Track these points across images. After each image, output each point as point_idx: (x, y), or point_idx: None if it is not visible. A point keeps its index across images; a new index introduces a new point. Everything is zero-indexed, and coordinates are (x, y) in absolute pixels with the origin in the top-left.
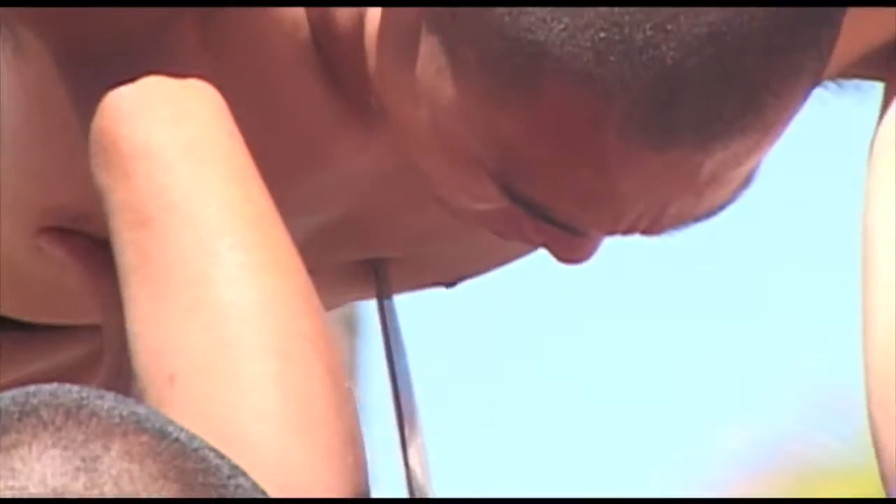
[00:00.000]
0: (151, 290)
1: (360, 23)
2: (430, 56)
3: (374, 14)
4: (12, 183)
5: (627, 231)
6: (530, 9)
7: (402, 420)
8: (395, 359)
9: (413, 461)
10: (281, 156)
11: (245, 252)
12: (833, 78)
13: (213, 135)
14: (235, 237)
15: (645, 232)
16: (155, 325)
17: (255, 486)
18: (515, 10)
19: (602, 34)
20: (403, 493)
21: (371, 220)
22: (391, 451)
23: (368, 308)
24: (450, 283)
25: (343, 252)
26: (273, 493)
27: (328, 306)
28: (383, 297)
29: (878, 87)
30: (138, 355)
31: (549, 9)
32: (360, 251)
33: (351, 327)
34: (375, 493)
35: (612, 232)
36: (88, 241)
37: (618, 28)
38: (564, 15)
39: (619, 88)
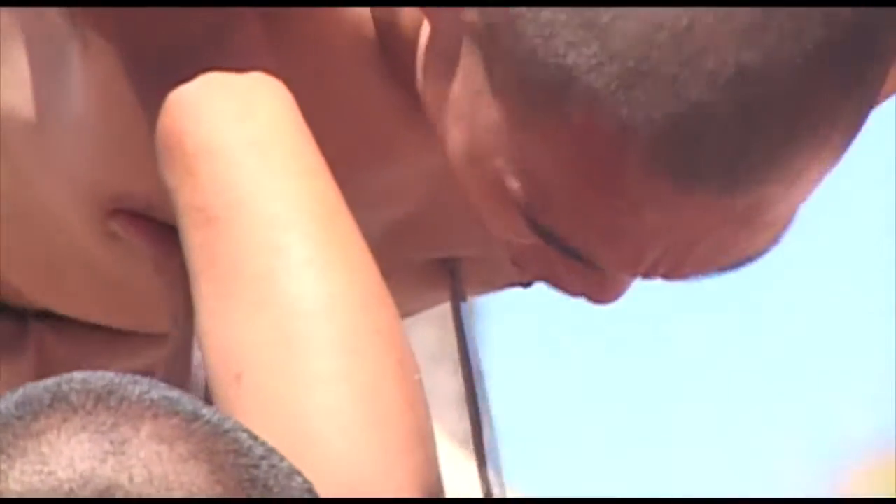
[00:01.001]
0: (218, 287)
1: (419, 27)
2: (469, 75)
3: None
4: (84, 169)
5: (649, 273)
6: (563, 31)
7: (478, 427)
8: (472, 363)
9: (489, 472)
10: (347, 151)
11: (312, 247)
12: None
13: (280, 130)
14: (302, 232)
15: (667, 276)
16: (222, 323)
17: (290, 468)
18: (549, 31)
19: (630, 63)
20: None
21: (442, 218)
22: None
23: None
24: (526, 283)
25: (415, 250)
26: (341, 492)
27: (405, 310)
28: (459, 299)
29: None
30: (206, 353)
31: (582, 33)
32: (432, 249)
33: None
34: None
35: (634, 272)
36: (158, 225)
37: (646, 60)
38: (595, 41)
39: (643, 122)
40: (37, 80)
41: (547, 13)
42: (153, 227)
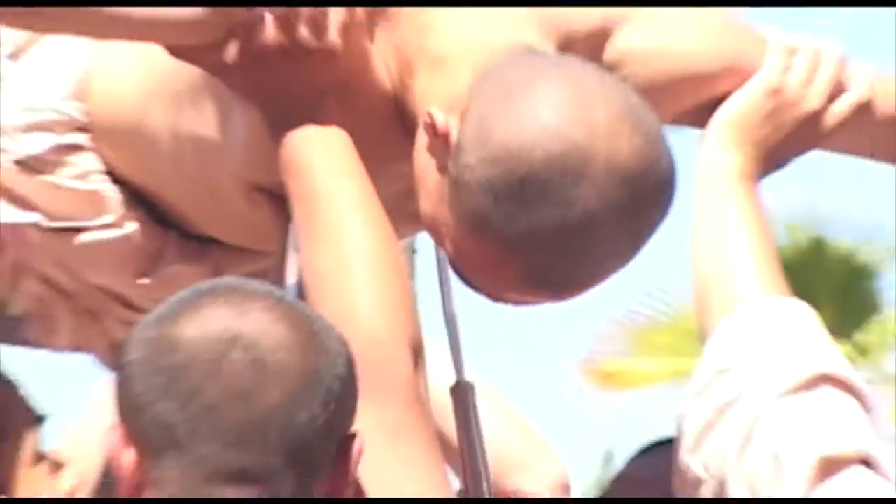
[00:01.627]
0: (308, 235)
1: (416, 111)
2: (439, 187)
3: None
4: (242, 167)
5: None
6: (506, 227)
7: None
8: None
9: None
10: (375, 165)
11: (359, 216)
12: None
13: (343, 157)
14: (356, 209)
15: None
16: (308, 253)
17: (333, 328)
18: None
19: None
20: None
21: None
22: None
23: None
24: None
25: (405, 208)
26: (363, 344)
27: (401, 236)
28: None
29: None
30: (302, 267)
31: (514, 225)
32: (414, 207)
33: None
34: None
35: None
36: (277, 197)
37: (546, 263)
38: (517, 227)
39: (546, 284)
40: (217, 118)
41: (498, 221)
42: (275, 198)
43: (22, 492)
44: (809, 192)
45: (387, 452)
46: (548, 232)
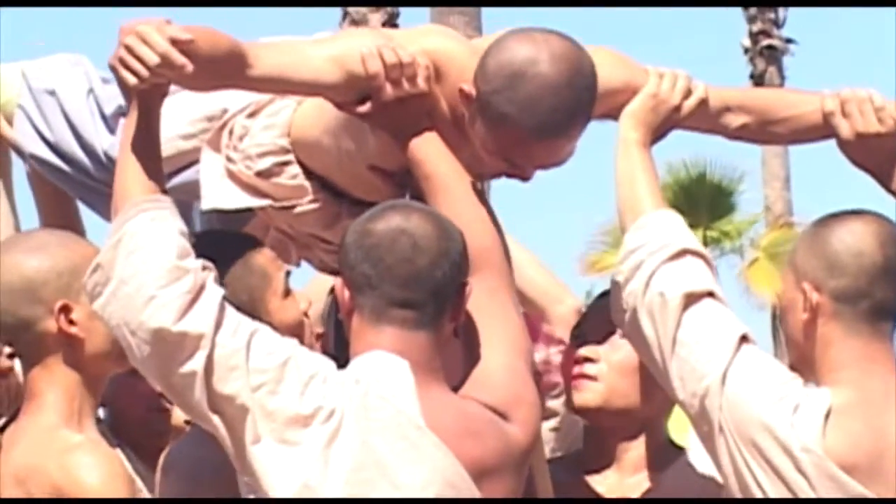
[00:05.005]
0: (432, 192)
1: (464, 114)
2: (474, 122)
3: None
4: (369, 155)
5: (540, 168)
6: (505, 108)
7: None
8: None
9: None
10: (453, 149)
11: (456, 179)
12: (597, 118)
13: (441, 151)
14: (453, 176)
15: (546, 168)
16: (432, 199)
17: (459, 231)
18: (501, 105)
19: (530, 111)
20: None
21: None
22: None
23: None
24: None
25: (468, 166)
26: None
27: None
28: None
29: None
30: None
31: (507, 103)
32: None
33: None
34: None
35: (535, 169)
36: (390, 174)
37: (527, 110)
38: (512, 106)
39: (531, 128)
40: (358, 138)
41: (502, 106)
42: (388, 175)
43: (277, 315)
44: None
45: (487, 300)
46: (529, 98)
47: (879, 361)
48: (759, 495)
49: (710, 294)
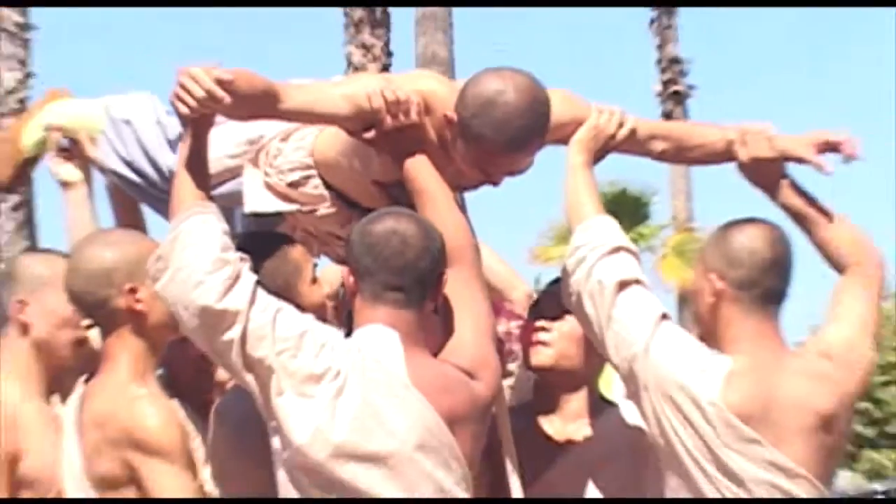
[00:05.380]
0: (421, 202)
1: (447, 139)
2: (456, 142)
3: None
4: (375, 175)
5: (508, 176)
6: (480, 129)
7: None
8: None
9: None
10: (438, 168)
11: (441, 191)
12: (550, 144)
13: (429, 169)
14: (438, 189)
15: (512, 175)
16: (421, 208)
17: (439, 233)
18: (477, 126)
19: (504, 127)
20: None
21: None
22: None
23: None
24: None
25: (451, 181)
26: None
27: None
28: None
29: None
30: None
31: (482, 125)
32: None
33: None
34: None
35: (503, 176)
36: (384, 186)
37: (497, 129)
38: (486, 127)
39: (500, 144)
40: (366, 158)
41: (478, 127)
42: (387, 187)
43: (307, 297)
44: (613, 166)
45: (460, 286)
46: (499, 121)
47: (769, 336)
48: (674, 440)
49: (638, 281)
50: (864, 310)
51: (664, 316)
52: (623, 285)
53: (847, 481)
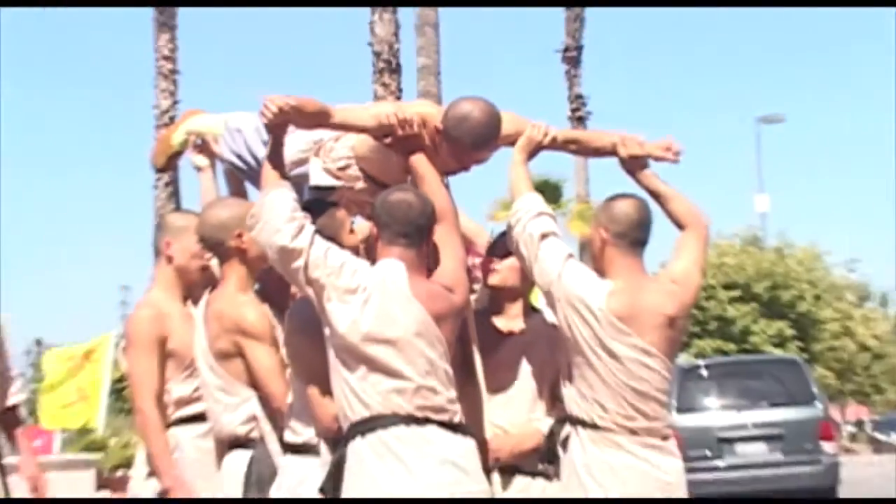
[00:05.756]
0: (423, 184)
1: (436, 142)
2: (441, 143)
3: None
4: (389, 164)
5: (475, 165)
6: (457, 135)
7: None
8: None
9: None
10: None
11: (433, 177)
12: (502, 145)
13: (427, 164)
14: (432, 175)
15: (479, 164)
16: (421, 186)
17: (431, 200)
18: (455, 134)
19: (472, 132)
20: None
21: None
22: None
23: None
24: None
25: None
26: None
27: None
28: None
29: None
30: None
31: (458, 133)
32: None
33: None
34: None
35: (473, 165)
36: (401, 174)
37: (468, 135)
38: (461, 133)
39: (471, 143)
40: (387, 155)
41: (454, 135)
42: (398, 172)
43: (347, 242)
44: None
45: (444, 235)
46: (468, 129)
47: (636, 268)
48: (576, 333)
49: (554, 234)
50: (695, 253)
51: (570, 255)
52: (544, 236)
53: (682, 359)
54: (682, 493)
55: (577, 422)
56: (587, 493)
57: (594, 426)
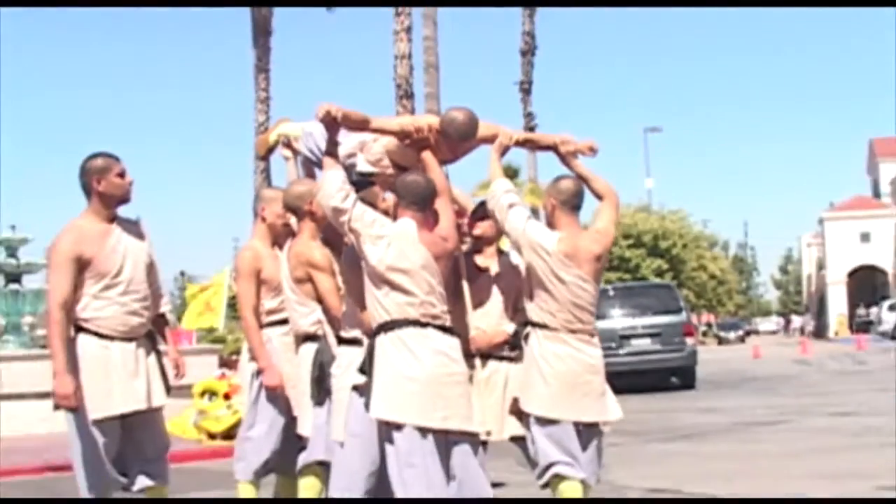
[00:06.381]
0: (428, 170)
1: (437, 140)
2: (441, 142)
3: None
4: (407, 156)
5: (463, 155)
6: (448, 131)
7: None
8: None
9: None
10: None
11: (437, 167)
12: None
13: (433, 159)
14: (436, 167)
15: (466, 154)
16: (427, 172)
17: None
18: (447, 130)
19: (458, 129)
20: None
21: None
22: None
23: None
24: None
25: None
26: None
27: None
28: None
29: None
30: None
31: (449, 130)
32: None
33: None
34: None
35: (462, 156)
36: (415, 164)
37: (455, 131)
38: (451, 130)
39: (458, 137)
40: (406, 151)
41: (446, 131)
42: (413, 162)
43: (379, 207)
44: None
45: (443, 204)
46: (457, 129)
47: (575, 224)
48: (536, 268)
49: (519, 203)
50: (610, 215)
51: (529, 217)
52: (511, 205)
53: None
54: (602, 370)
55: (535, 325)
56: (541, 371)
57: (547, 327)
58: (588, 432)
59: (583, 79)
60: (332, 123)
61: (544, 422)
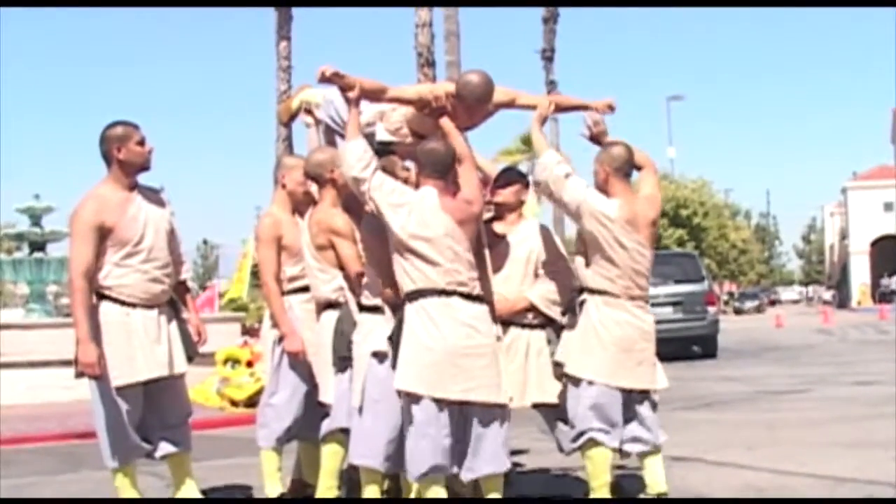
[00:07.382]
0: (447, 137)
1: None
2: (458, 107)
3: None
4: (426, 124)
5: (481, 122)
6: (464, 94)
7: None
8: None
9: None
10: (456, 122)
11: (457, 134)
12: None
13: (451, 124)
14: (455, 132)
15: (485, 120)
16: (447, 139)
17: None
18: (463, 94)
19: (473, 92)
20: None
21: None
22: None
23: None
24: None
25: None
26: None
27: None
28: None
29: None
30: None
31: (465, 93)
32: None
33: None
34: None
35: (482, 121)
36: (433, 131)
37: (471, 94)
38: (467, 93)
39: (474, 99)
40: (425, 120)
41: (462, 94)
42: (432, 130)
43: (399, 175)
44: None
45: (464, 169)
46: (472, 91)
47: (628, 191)
48: (597, 234)
49: (573, 173)
50: (654, 181)
51: (587, 185)
52: (567, 175)
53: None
54: (653, 334)
55: (594, 291)
56: (599, 337)
57: (607, 293)
58: (639, 398)
59: (605, 47)
60: (356, 99)
61: (594, 387)
